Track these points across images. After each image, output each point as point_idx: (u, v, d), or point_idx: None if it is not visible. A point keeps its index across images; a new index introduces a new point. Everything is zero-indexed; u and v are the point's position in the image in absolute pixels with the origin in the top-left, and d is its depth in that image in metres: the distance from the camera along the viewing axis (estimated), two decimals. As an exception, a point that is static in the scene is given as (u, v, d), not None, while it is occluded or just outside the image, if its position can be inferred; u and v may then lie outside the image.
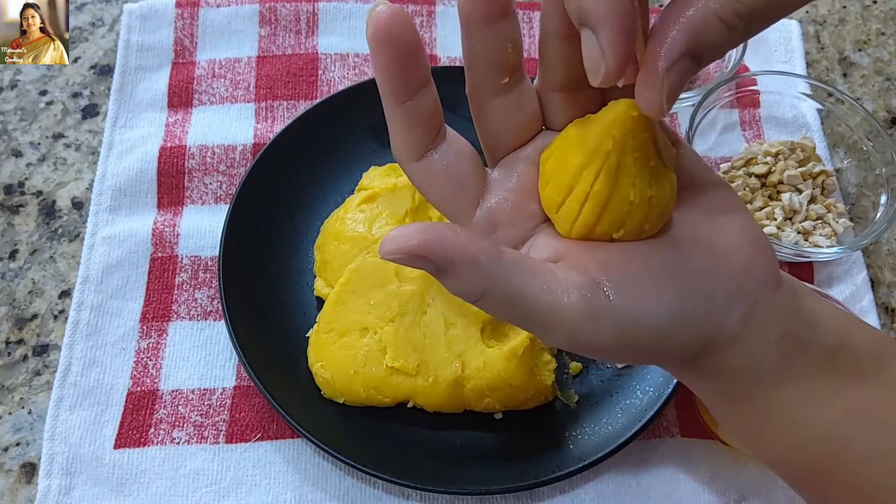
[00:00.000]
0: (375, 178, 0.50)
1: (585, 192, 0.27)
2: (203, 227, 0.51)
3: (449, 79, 0.54)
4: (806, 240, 0.50)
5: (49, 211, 0.53)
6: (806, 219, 0.51)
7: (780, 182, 0.52)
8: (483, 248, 0.25)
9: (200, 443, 0.44)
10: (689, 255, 0.28)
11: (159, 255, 0.50)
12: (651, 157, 0.27)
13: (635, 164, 0.27)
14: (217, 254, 0.47)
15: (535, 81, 0.30)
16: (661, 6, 0.62)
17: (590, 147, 0.27)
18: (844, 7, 0.64)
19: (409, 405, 0.44)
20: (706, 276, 0.27)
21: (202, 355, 0.47)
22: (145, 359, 0.47)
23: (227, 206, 0.48)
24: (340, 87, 0.57)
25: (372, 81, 0.54)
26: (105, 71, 0.58)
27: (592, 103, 0.29)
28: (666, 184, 0.28)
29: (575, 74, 0.28)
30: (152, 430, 0.44)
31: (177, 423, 0.45)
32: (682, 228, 0.29)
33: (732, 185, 0.52)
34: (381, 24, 0.25)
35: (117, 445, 0.44)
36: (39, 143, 0.55)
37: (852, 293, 0.51)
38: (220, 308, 0.46)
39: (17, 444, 0.45)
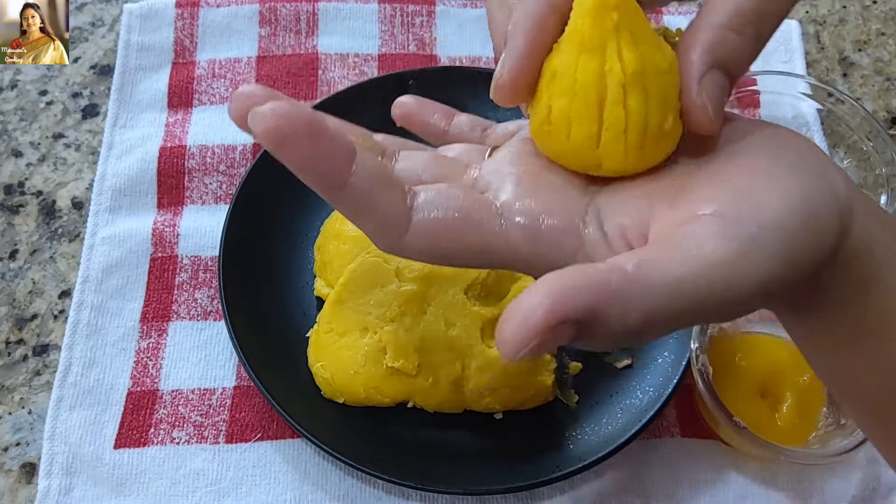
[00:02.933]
0: (375, 178, 0.50)
1: (620, 86, 0.25)
2: (203, 227, 0.51)
3: (449, 79, 0.54)
4: (806, 240, 0.50)
5: (49, 211, 0.53)
6: (806, 219, 0.51)
7: (780, 182, 0.52)
8: (603, 272, 0.21)
9: (200, 443, 0.44)
10: (764, 152, 0.25)
11: (159, 255, 0.50)
12: (648, 25, 0.25)
13: (644, 26, 0.25)
14: (217, 254, 0.47)
15: None
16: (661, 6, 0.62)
17: (590, 41, 0.24)
18: (844, 7, 0.64)
19: (409, 405, 0.44)
20: (793, 157, 0.25)
21: (202, 355, 0.47)
22: (145, 359, 0.47)
23: (227, 206, 0.48)
24: (340, 87, 0.57)
25: (372, 81, 0.54)
26: (105, 71, 0.58)
27: None
28: (670, 52, 0.26)
29: None
30: (152, 430, 0.44)
31: (177, 423, 0.45)
32: (731, 143, 0.26)
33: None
34: (270, 121, 0.22)
35: (117, 445, 0.44)
36: (39, 143, 0.55)
37: (852, 293, 0.51)
38: (220, 308, 0.46)
39: (17, 444, 0.45)
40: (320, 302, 0.47)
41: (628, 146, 0.25)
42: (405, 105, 0.33)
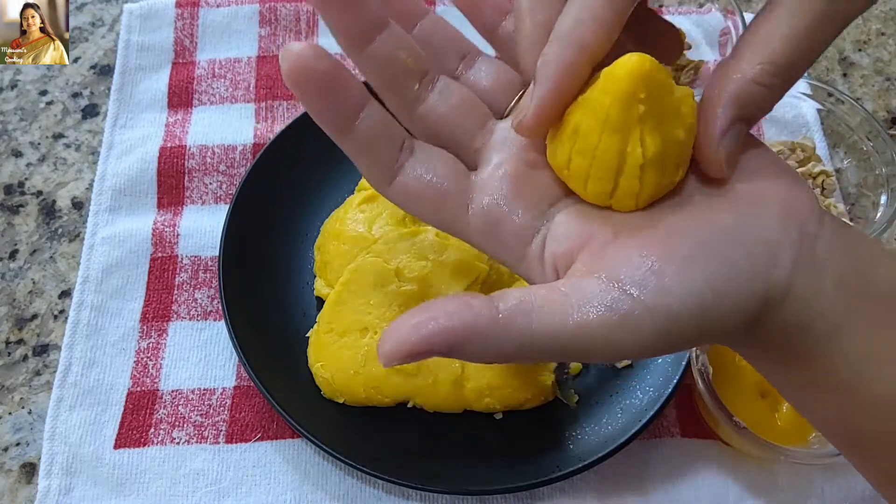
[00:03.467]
0: (375, 178, 0.50)
1: (638, 166, 0.25)
2: (203, 227, 0.51)
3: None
4: (806, 240, 0.50)
5: (49, 211, 0.53)
6: (806, 219, 0.51)
7: (780, 182, 0.52)
8: (478, 310, 0.23)
9: (200, 443, 0.44)
10: (711, 215, 0.26)
11: (159, 255, 0.50)
12: (669, 90, 0.25)
13: (667, 107, 0.25)
14: (217, 254, 0.47)
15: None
16: (661, 6, 0.62)
17: (616, 122, 0.25)
18: (844, 7, 0.64)
19: (409, 405, 0.44)
20: (738, 231, 0.25)
21: (202, 355, 0.47)
22: (145, 359, 0.47)
23: (227, 206, 0.48)
24: (340, 87, 0.57)
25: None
26: (105, 71, 0.58)
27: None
28: (689, 106, 0.26)
29: None
30: (152, 430, 0.44)
31: (177, 423, 0.45)
32: (690, 187, 0.27)
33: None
34: (293, 64, 0.25)
35: (117, 445, 0.44)
36: (39, 143, 0.55)
37: (852, 293, 0.51)
38: (220, 308, 0.46)
39: (17, 444, 0.45)
40: (320, 302, 0.47)
41: (639, 202, 0.27)
42: None
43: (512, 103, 0.30)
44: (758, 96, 0.25)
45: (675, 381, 0.43)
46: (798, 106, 0.57)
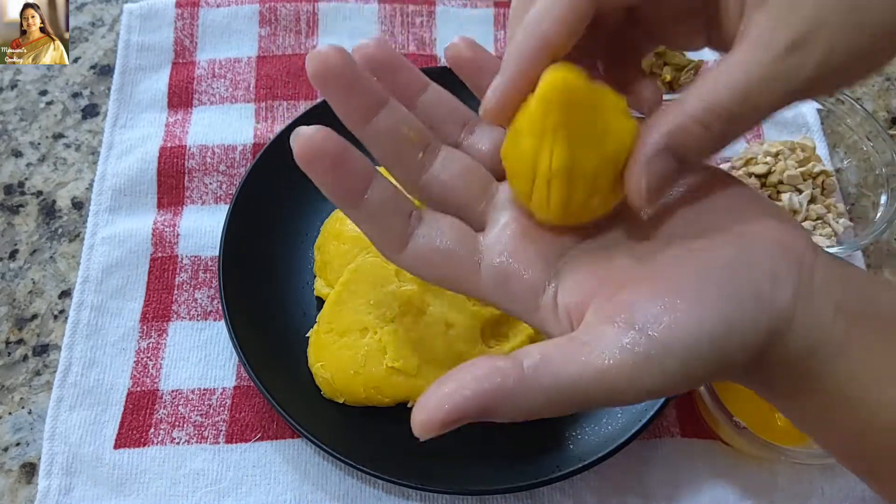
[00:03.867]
0: (375, 178, 0.50)
1: (546, 173, 0.27)
2: (203, 227, 0.51)
3: (449, 79, 0.54)
4: (806, 240, 0.50)
5: (49, 211, 0.53)
6: (806, 219, 0.51)
7: (780, 182, 0.52)
8: (504, 372, 0.24)
9: (200, 443, 0.44)
10: (709, 250, 0.27)
11: (159, 255, 0.50)
12: (599, 112, 0.26)
13: (586, 125, 0.26)
14: (217, 254, 0.47)
15: None
16: (661, 6, 0.62)
17: (536, 127, 0.27)
18: (844, 7, 0.64)
19: (409, 405, 0.44)
20: (739, 265, 0.26)
21: (202, 355, 0.47)
22: (145, 359, 0.47)
23: (227, 206, 0.48)
24: (340, 87, 0.57)
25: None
26: (105, 71, 0.58)
27: None
28: (625, 134, 0.27)
29: None
30: (152, 430, 0.44)
31: (177, 423, 0.45)
32: (690, 228, 0.28)
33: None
34: (302, 146, 0.27)
35: (117, 445, 0.44)
36: (39, 143, 0.55)
37: (852, 293, 0.51)
38: (220, 308, 0.46)
39: (17, 444, 0.45)
40: (320, 302, 0.47)
41: (551, 213, 0.28)
42: (458, 50, 0.32)
43: None
44: (693, 134, 0.26)
45: (675, 381, 0.43)
46: (798, 106, 0.57)
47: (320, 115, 0.52)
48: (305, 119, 0.52)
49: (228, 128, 0.55)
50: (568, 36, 0.26)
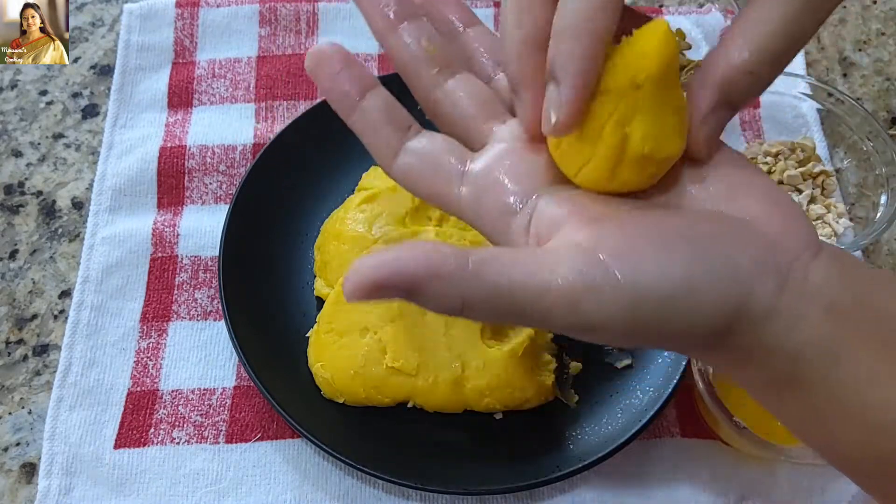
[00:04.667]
0: (375, 178, 0.50)
1: (621, 136, 0.25)
2: (203, 227, 0.51)
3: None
4: (806, 240, 0.50)
5: (49, 211, 0.53)
6: (806, 219, 0.51)
7: (780, 182, 0.52)
8: (447, 255, 0.24)
9: (200, 443, 0.44)
10: (700, 221, 0.26)
11: (159, 255, 0.50)
12: (673, 77, 0.26)
13: (668, 93, 0.26)
14: (217, 254, 0.47)
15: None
16: (661, 6, 0.62)
17: (619, 83, 0.25)
18: (844, 7, 0.64)
19: (409, 405, 0.44)
20: (724, 240, 0.26)
21: (202, 355, 0.47)
22: (145, 359, 0.47)
23: (227, 206, 0.48)
24: (340, 87, 0.57)
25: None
26: (105, 71, 0.58)
27: None
28: (683, 105, 0.27)
29: None
30: (152, 430, 0.44)
31: (177, 423, 0.45)
32: (693, 202, 0.27)
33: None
34: (314, 55, 0.29)
35: (117, 445, 0.44)
36: (39, 143, 0.55)
37: (852, 293, 0.51)
38: (220, 308, 0.46)
39: (17, 444, 0.45)
40: (320, 302, 0.47)
41: (600, 185, 0.27)
42: None
43: None
44: (743, 83, 0.26)
45: (675, 381, 0.43)
46: (798, 106, 0.56)
47: (321, 115, 0.52)
48: (305, 119, 0.52)
49: (228, 128, 0.55)
50: (614, 24, 0.25)
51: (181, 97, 0.56)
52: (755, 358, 0.26)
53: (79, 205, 0.53)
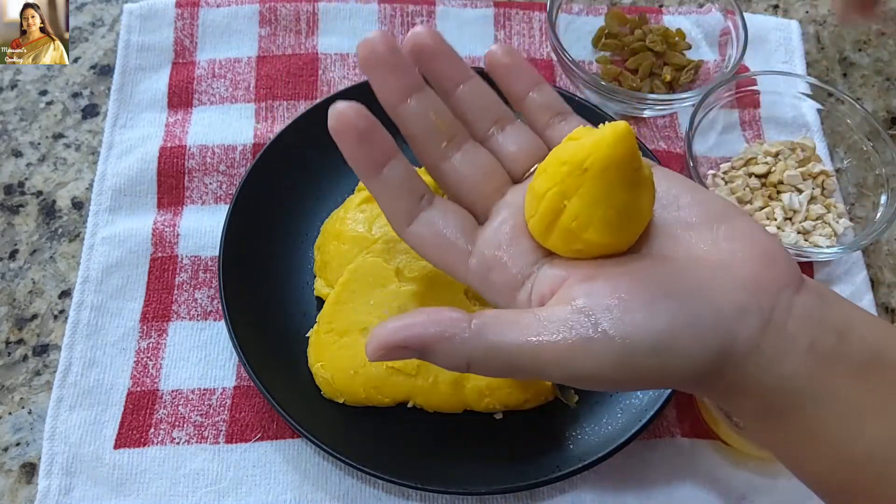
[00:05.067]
0: (375, 178, 0.50)
1: (558, 205, 0.29)
2: (203, 227, 0.51)
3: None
4: (806, 240, 0.50)
5: (49, 211, 0.53)
6: (806, 219, 0.51)
7: (780, 182, 0.52)
8: (454, 321, 0.27)
9: (200, 443, 0.44)
10: (683, 271, 0.28)
11: (159, 255, 0.50)
12: (619, 175, 0.28)
13: (613, 186, 0.28)
14: (217, 254, 0.47)
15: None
16: (661, 6, 0.62)
17: (575, 159, 0.28)
18: (844, 7, 0.64)
19: (409, 405, 0.44)
20: (705, 287, 0.27)
21: (202, 355, 0.47)
22: (145, 359, 0.47)
23: (227, 206, 0.48)
24: (340, 87, 0.57)
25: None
26: (105, 71, 0.58)
27: None
28: (645, 194, 0.29)
29: None
30: (152, 430, 0.44)
31: (177, 423, 0.45)
32: (672, 249, 0.29)
33: (732, 184, 0.52)
34: (335, 117, 0.30)
35: (117, 445, 0.44)
36: (39, 143, 0.55)
37: (852, 293, 0.51)
38: (220, 308, 0.46)
39: (17, 444, 0.45)
40: (320, 302, 0.47)
41: (540, 236, 0.31)
42: (496, 56, 0.34)
43: (530, 170, 0.34)
44: None
45: (675, 381, 0.43)
46: (798, 106, 0.57)
47: (321, 115, 0.52)
48: (305, 119, 0.52)
49: (228, 128, 0.55)
50: None
51: (181, 97, 0.56)
52: (740, 390, 0.27)
53: (79, 205, 0.53)
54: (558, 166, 0.29)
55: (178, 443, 0.44)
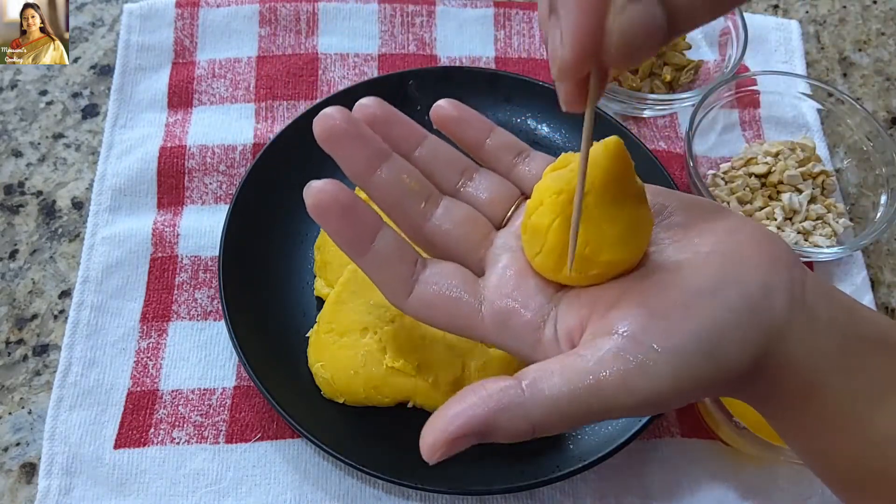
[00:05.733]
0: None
1: (565, 234, 0.28)
2: (203, 227, 0.51)
3: (449, 79, 0.54)
4: (806, 240, 0.50)
5: (49, 211, 0.53)
6: (806, 219, 0.51)
7: (780, 182, 0.52)
8: (504, 389, 0.26)
9: (200, 443, 0.44)
10: (699, 268, 0.28)
11: (159, 255, 0.50)
12: (620, 190, 0.28)
13: (613, 204, 0.28)
14: (217, 254, 0.47)
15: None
16: None
17: (572, 186, 0.28)
18: (844, 7, 0.64)
19: (409, 405, 0.44)
20: (728, 277, 0.27)
21: (202, 355, 0.47)
22: (145, 359, 0.47)
23: (227, 206, 0.48)
24: (340, 87, 0.57)
25: (372, 81, 0.54)
26: (105, 71, 0.58)
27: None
28: (644, 203, 0.29)
29: None
30: (152, 430, 0.44)
31: (177, 423, 0.45)
32: (679, 253, 0.29)
33: (732, 184, 0.52)
34: (314, 196, 0.29)
35: (117, 445, 0.44)
36: (39, 143, 0.55)
37: (852, 293, 0.51)
38: (220, 308, 0.46)
39: (17, 444, 0.45)
40: (320, 302, 0.47)
41: (550, 271, 0.30)
42: (444, 110, 0.34)
43: (509, 213, 0.33)
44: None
45: (675, 381, 0.43)
46: (798, 106, 0.57)
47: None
48: (305, 119, 0.52)
49: (228, 128, 0.55)
50: None
51: (181, 97, 0.56)
52: (781, 375, 0.27)
53: (79, 205, 0.53)
54: (554, 197, 0.29)
55: (178, 443, 0.44)
